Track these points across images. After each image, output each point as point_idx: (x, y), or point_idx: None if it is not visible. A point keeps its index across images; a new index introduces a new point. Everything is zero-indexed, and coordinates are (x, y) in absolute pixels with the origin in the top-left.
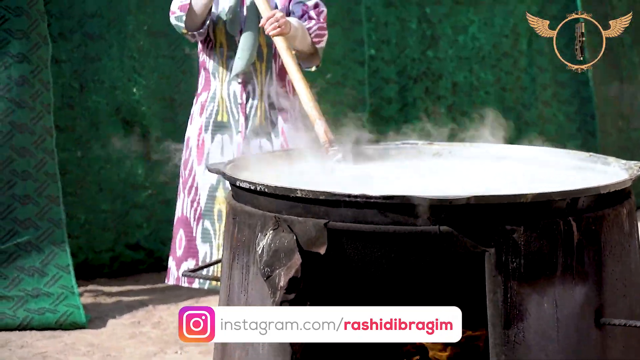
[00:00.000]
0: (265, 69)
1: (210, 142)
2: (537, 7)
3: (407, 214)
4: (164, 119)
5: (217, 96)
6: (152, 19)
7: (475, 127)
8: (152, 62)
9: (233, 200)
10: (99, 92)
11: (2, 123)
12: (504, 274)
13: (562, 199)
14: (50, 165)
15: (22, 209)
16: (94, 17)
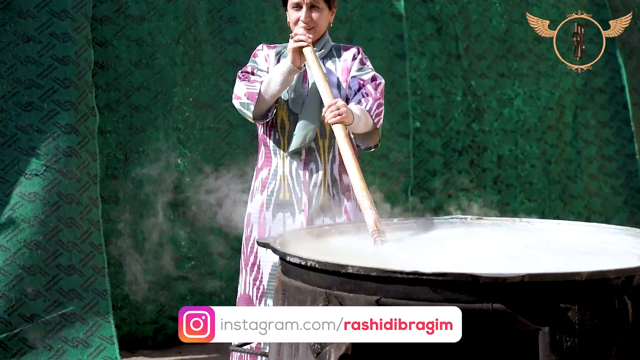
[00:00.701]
0: (328, 146)
1: (272, 220)
2: (583, 80)
3: (460, 291)
4: (207, 190)
5: (278, 173)
6: (198, 91)
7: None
8: (197, 134)
9: (283, 275)
10: (143, 163)
11: (49, 194)
12: (558, 353)
13: (617, 277)
14: (95, 235)
15: (67, 280)
16: (141, 89)
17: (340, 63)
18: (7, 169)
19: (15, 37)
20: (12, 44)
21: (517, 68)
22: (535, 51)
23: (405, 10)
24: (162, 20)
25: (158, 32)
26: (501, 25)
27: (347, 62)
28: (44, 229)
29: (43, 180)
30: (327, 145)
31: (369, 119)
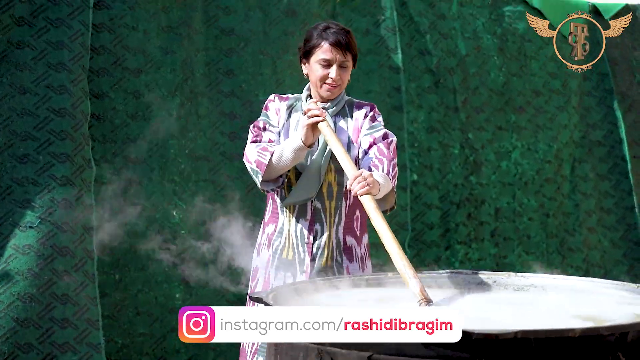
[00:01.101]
0: (335, 208)
1: (274, 278)
2: (581, 133)
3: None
4: (202, 243)
5: (284, 232)
6: (194, 144)
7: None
8: (193, 186)
9: None
10: (138, 216)
11: (44, 246)
12: None
13: (611, 334)
14: (90, 288)
15: (61, 333)
16: (137, 141)
17: (352, 122)
18: (2, 221)
19: (11, 89)
20: (9, 96)
21: (515, 121)
22: (533, 104)
23: (402, 63)
24: (158, 72)
25: (155, 85)
26: (499, 78)
27: (359, 120)
28: (37, 282)
29: (38, 233)
30: (333, 207)
31: (389, 183)
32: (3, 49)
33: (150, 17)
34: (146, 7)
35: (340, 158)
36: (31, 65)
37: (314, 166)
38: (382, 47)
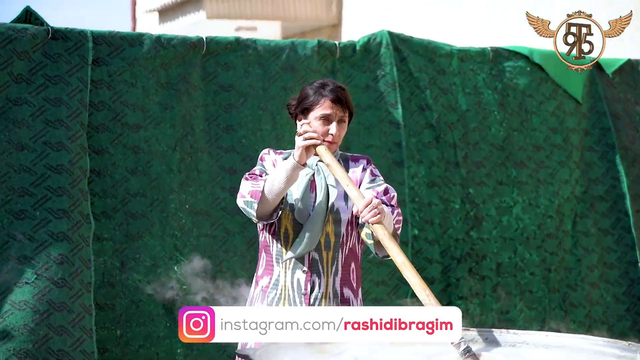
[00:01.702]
0: (332, 259)
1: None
2: (583, 188)
3: None
4: (204, 298)
5: (279, 283)
6: (194, 198)
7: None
8: (194, 241)
9: None
10: (139, 271)
11: (40, 302)
12: None
13: None
14: (87, 344)
15: None
16: (137, 196)
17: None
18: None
19: (9, 146)
20: (6, 153)
21: (516, 176)
22: (534, 159)
23: (403, 118)
24: (158, 128)
25: (154, 140)
26: (500, 133)
27: (357, 173)
28: (33, 337)
29: (34, 289)
30: (330, 257)
31: (392, 222)
32: (1, 106)
33: (149, 73)
34: (144, 63)
35: (344, 184)
36: (29, 122)
37: (315, 219)
38: (382, 102)
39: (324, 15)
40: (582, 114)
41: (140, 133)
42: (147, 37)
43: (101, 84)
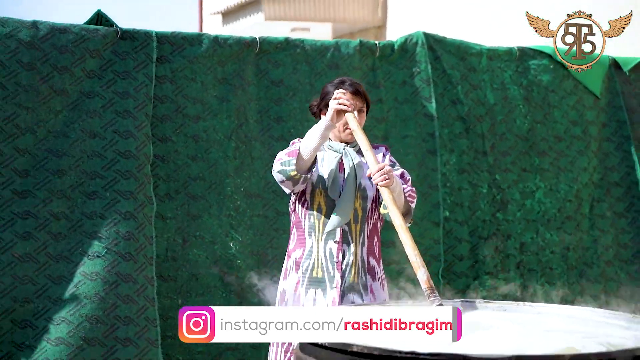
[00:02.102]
0: (359, 230)
1: (305, 296)
2: (600, 175)
3: None
4: (256, 271)
5: (313, 253)
6: (248, 182)
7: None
8: (248, 221)
9: (299, 352)
10: (199, 247)
11: (109, 273)
12: None
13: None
14: (150, 311)
15: (124, 351)
16: (197, 180)
17: None
18: (72, 251)
19: (82, 134)
20: (80, 140)
21: (538, 164)
22: (555, 149)
23: (436, 111)
24: (216, 119)
25: (212, 130)
26: (524, 125)
27: (389, 166)
28: (103, 305)
29: (104, 262)
30: (358, 230)
31: (403, 194)
32: (76, 99)
33: (207, 69)
34: (203, 61)
35: (364, 149)
36: (100, 113)
37: (347, 194)
38: (417, 96)
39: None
40: (600, 108)
41: (200, 123)
42: (206, 37)
43: (164, 79)
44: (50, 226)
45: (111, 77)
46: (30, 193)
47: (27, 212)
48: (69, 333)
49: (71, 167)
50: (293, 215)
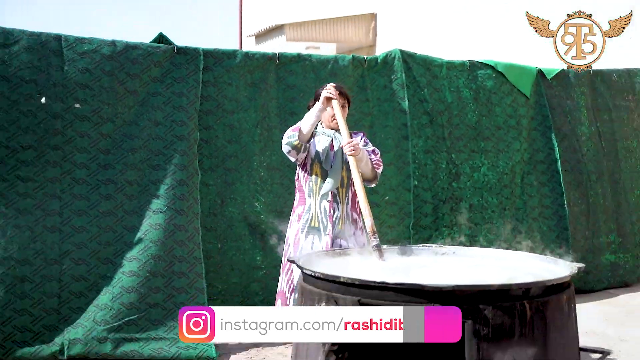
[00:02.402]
0: (345, 193)
1: (304, 240)
2: (529, 154)
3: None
4: (275, 223)
5: (311, 210)
6: (269, 159)
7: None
8: (269, 187)
9: (302, 282)
10: (233, 206)
11: (168, 225)
12: (477, 338)
13: (519, 289)
14: (197, 252)
15: (178, 281)
16: (232, 157)
17: None
18: (141, 208)
19: (149, 123)
20: (147, 127)
21: (483, 146)
22: (496, 135)
23: (408, 108)
24: (246, 113)
25: (244, 121)
26: (473, 118)
27: (356, 140)
28: (164, 248)
29: (164, 216)
30: (344, 192)
31: (369, 163)
32: (143, 97)
33: (240, 76)
34: (237, 70)
35: (341, 126)
36: (162, 107)
37: (336, 167)
38: (394, 97)
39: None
40: (529, 106)
41: (234, 116)
42: (239, 52)
43: (208, 84)
44: (126, 190)
45: (170, 81)
46: (110, 166)
47: (108, 179)
48: (139, 268)
49: (141, 147)
50: (297, 182)
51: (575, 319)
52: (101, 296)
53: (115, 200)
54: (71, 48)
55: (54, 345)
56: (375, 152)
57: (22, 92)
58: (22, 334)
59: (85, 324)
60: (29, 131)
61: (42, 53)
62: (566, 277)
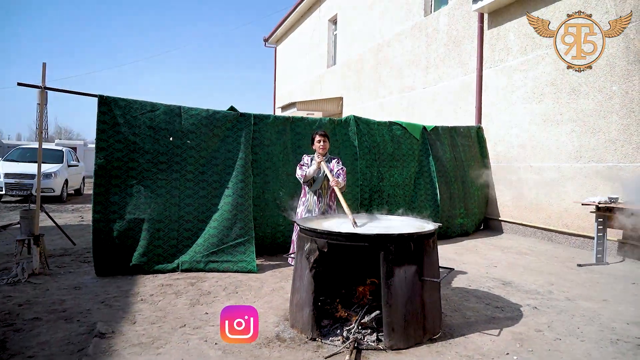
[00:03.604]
0: (326, 190)
1: (304, 214)
2: (418, 168)
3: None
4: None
5: (309, 200)
6: (287, 170)
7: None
8: (286, 184)
9: (300, 232)
10: (268, 193)
11: (234, 203)
12: (386, 261)
13: (410, 235)
14: (249, 217)
15: (239, 232)
16: (266, 170)
17: (331, 163)
18: (220, 193)
19: (225, 151)
20: (223, 152)
21: (395, 164)
22: (402, 159)
23: (357, 144)
24: (275, 146)
25: (274, 148)
26: (390, 150)
27: (333, 163)
28: (231, 216)
29: (232, 199)
30: (326, 190)
31: (343, 182)
32: (222, 137)
33: (272, 128)
34: (271, 124)
35: (327, 173)
36: (232, 143)
37: (319, 180)
38: (350, 138)
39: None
40: (418, 143)
41: (269, 147)
42: (272, 115)
43: (256, 132)
44: (212, 185)
45: (236, 129)
46: (205, 173)
47: (204, 179)
48: (218, 224)
49: (220, 163)
50: (303, 184)
51: (437, 251)
52: (198, 239)
53: (206, 190)
54: (186, 112)
55: (174, 264)
56: (344, 169)
57: (160, 135)
58: (157, 257)
59: (190, 253)
60: (163, 154)
61: (171, 115)
62: (433, 230)
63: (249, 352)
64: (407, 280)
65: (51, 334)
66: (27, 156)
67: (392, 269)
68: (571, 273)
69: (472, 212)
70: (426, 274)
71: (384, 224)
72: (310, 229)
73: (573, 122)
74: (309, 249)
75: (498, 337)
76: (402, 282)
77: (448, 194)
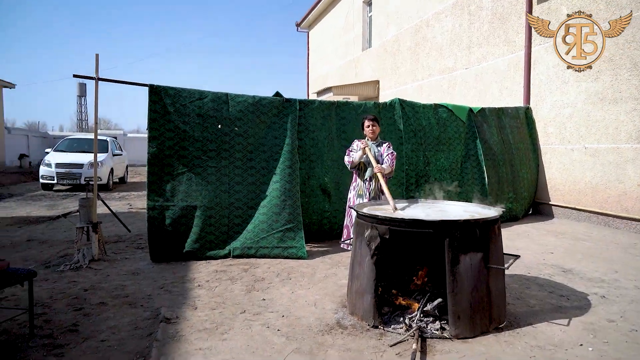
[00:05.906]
0: (375, 177)
1: (355, 199)
2: (465, 152)
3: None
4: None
5: (359, 184)
6: (332, 155)
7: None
8: (331, 169)
9: (358, 218)
10: (313, 179)
11: (282, 188)
12: (452, 248)
13: (476, 221)
14: (297, 203)
15: (287, 217)
16: (312, 155)
17: (382, 148)
18: (268, 180)
19: (272, 137)
20: (271, 139)
21: (442, 148)
22: (448, 142)
23: (403, 127)
24: (320, 132)
25: (319, 135)
26: (436, 133)
27: (383, 147)
28: (279, 202)
29: (280, 184)
30: (375, 178)
31: (390, 168)
32: (269, 124)
33: (317, 112)
34: (316, 109)
35: (371, 159)
36: (278, 129)
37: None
38: (395, 122)
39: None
40: (464, 125)
41: (315, 133)
42: (317, 101)
43: (301, 117)
44: (260, 171)
45: (282, 115)
46: (253, 159)
47: (252, 166)
48: (267, 210)
49: (268, 149)
50: (353, 170)
51: (501, 238)
52: (248, 225)
53: (255, 177)
54: (233, 99)
55: (225, 250)
56: (394, 153)
57: (209, 122)
58: (209, 244)
59: (241, 239)
60: (212, 141)
61: (218, 102)
62: (497, 215)
63: (312, 338)
64: (473, 268)
65: (118, 319)
66: (75, 146)
67: (457, 256)
68: (636, 260)
69: (522, 196)
70: (492, 261)
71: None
72: (371, 215)
73: (635, 100)
74: (369, 235)
75: (568, 327)
76: (467, 270)
77: (496, 178)
